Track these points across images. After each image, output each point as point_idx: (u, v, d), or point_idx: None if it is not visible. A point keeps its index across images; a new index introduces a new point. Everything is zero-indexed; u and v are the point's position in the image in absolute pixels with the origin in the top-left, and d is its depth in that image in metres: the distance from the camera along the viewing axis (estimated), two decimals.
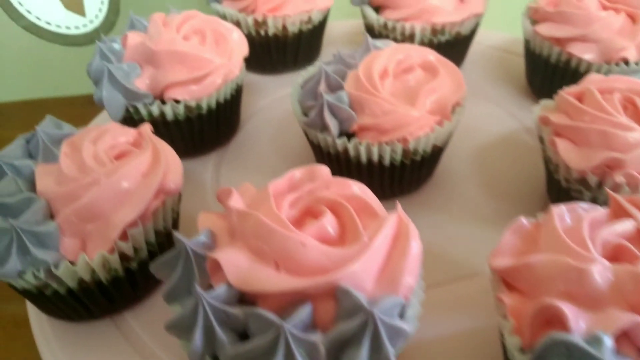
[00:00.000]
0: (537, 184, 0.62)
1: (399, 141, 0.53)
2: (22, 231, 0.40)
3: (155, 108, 0.59)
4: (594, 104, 0.50)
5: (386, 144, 0.53)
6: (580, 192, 0.51)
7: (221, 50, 0.61)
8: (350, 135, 0.55)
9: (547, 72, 0.70)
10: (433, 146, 0.56)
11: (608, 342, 0.32)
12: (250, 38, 0.73)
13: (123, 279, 0.46)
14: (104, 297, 0.46)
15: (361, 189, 0.42)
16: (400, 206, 0.40)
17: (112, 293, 0.46)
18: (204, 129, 0.64)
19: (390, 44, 0.62)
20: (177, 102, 0.59)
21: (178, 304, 0.38)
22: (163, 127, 0.61)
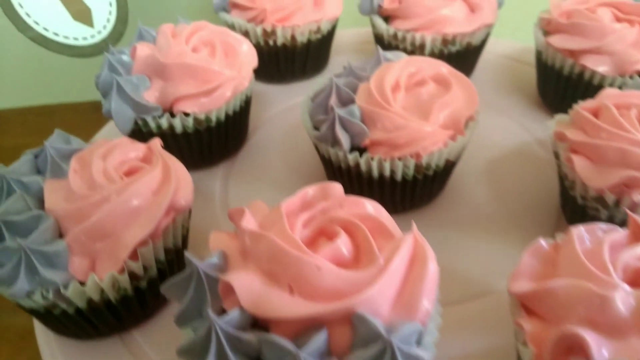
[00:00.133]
0: (550, 198, 0.61)
1: (411, 156, 0.52)
2: (30, 251, 0.39)
3: (164, 121, 0.58)
4: (610, 120, 0.50)
5: (399, 159, 0.53)
6: (597, 209, 0.50)
7: (231, 62, 0.61)
8: (361, 150, 0.54)
9: (560, 84, 0.69)
10: (446, 161, 0.55)
11: None
12: (258, 48, 0.72)
13: (132, 298, 0.45)
14: (113, 316, 0.45)
15: (375, 208, 0.41)
16: (415, 227, 0.39)
17: (121, 312, 0.45)
18: (213, 141, 0.64)
19: (402, 55, 0.61)
20: (187, 114, 0.58)
21: (190, 328, 0.37)
22: (171, 140, 0.60)
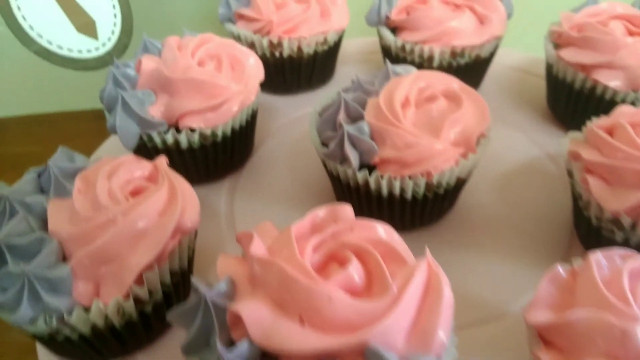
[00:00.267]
0: (563, 216, 0.60)
1: (422, 175, 0.51)
2: (34, 277, 0.38)
3: (170, 136, 0.57)
4: (626, 140, 0.48)
5: (409, 177, 0.51)
6: (612, 231, 0.49)
7: (237, 76, 0.60)
8: (370, 167, 0.53)
9: (571, 98, 0.68)
10: (457, 179, 0.54)
11: None
12: (264, 59, 0.71)
13: (137, 323, 0.44)
14: (117, 340, 0.44)
15: (387, 231, 0.40)
16: (429, 252, 0.38)
17: (125, 337, 0.44)
18: (218, 156, 0.62)
19: (411, 69, 0.60)
20: (192, 130, 0.57)
21: (197, 358, 0.36)
22: (177, 155, 0.59)
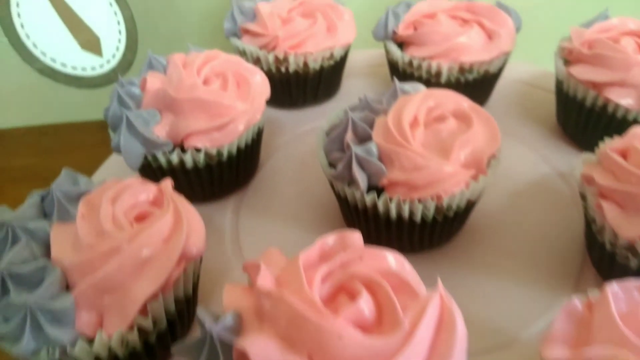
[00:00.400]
0: (575, 237, 0.58)
1: (432, 198, 0.50)
2: (37, 308, 0.37)
3: (175, 156, 0.56)
4: None
5: (418, 200, 0.51)
6: (627, 257, 0.48)
7: (243, 95, 0.59)
8: (379, 189, 0.52)
9: (582, 115, 0.67)
10: (467, 201, 0.53)
11: None
12: (270, 75, 0.70)
13: (141, 353, 0.43)
14: None
15: (397, 261, 0.39)
16: (441, 284, 0.37)
17: None
18: (224, 175, 0.62)
19: (419, 87, 0.59)
20: (198, 150, 0.57)
21: None
22: (181, 174, 0.58)
